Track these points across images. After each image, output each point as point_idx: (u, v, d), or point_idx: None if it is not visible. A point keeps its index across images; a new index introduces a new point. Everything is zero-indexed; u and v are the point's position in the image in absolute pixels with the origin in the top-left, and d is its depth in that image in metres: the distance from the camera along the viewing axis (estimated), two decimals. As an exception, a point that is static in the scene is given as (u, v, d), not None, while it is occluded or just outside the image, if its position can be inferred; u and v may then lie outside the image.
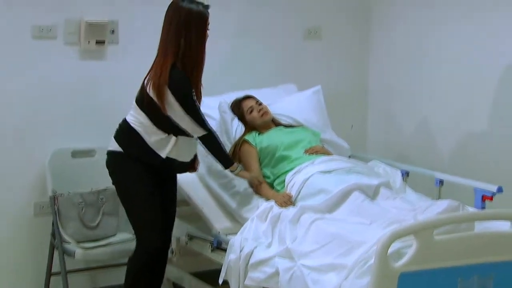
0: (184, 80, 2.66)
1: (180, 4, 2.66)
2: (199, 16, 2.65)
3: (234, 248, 2.75)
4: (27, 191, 3.32)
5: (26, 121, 3.30)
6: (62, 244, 3.11)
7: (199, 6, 2.68)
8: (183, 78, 2.66)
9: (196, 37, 2.64)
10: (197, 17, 2.65)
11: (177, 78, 2.65)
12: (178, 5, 2.66)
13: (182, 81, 2.65)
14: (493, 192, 2.86)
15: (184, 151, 2.79)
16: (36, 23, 3.25)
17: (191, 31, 2.64)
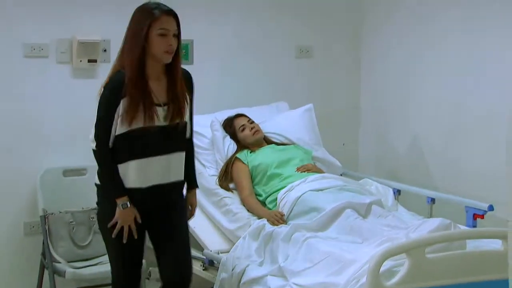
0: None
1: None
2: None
3: (226, 266, 2.74)
4: (17, 210, 3.30)
5: (17, 140, 3.28)
6: (52, 264, 3.09)
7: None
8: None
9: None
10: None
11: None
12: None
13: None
14: (484, 210, 2.87)
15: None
16: (27, 41, 3.25)
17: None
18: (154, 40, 2.33)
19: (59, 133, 3.35)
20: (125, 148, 2.37)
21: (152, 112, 2.34)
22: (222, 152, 3.29)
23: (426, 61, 3.57)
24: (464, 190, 3.19)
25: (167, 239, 2.48)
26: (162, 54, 2.35)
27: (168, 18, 2.36)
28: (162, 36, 2.33)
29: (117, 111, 2.34)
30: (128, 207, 2.37)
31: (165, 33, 2.34)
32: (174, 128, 2.40)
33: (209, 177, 3.24)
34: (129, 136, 2.35)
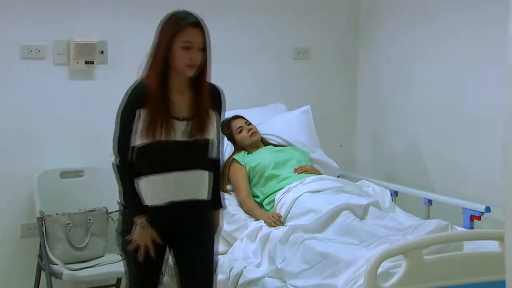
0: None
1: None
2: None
3: (223, 268, 2.73)
4: (14, 212, 3.30)
5: (15, 141, 3.28)
6: (49, 266, 3.08)
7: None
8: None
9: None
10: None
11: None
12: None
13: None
14: (481, 212, 2.87)
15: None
16: (24, 43, 3.25)
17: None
18: (176, 52, 2.21)
19: (57, 134, 3.35)
20: (142, 162, 2.25)
21: (169, 125, 2.22)
22: (219, 153, 3.29)
23: (423, 62, 3.57)
24: (461, 191, 3.20)
25: (188, 260, 2.34)
26: (183, 67, 2.23)
27: (193, 30, 2.23)
28: (185, 49, 2.21)
29: (136, 122, 2.23)
30: (145, 227, 2.25)
31: (189, 46, 2.21)
32: (193, 144, 2.26)
33: (207, 178, 3.24)
34: (146, 150, 2.23)
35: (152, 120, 2.21)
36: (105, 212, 3.28)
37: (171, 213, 2.28)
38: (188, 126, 2.25)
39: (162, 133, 2.21)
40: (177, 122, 2.24)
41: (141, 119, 2.22)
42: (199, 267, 2.33)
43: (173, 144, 2.23)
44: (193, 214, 2.32)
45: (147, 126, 2.21)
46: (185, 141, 2.25)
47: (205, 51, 2.25)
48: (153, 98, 2.21)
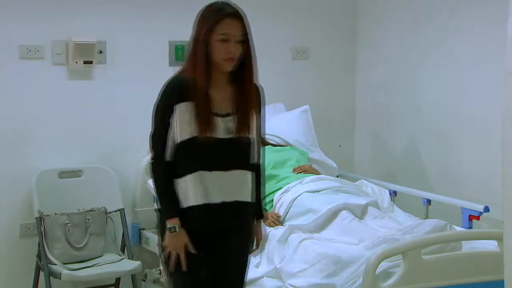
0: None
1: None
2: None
3: (222, 268, 2.73)
4: (12, 212, 3.29)
5: (13, 141, 3.28)
6: (48, 266, 3.08)
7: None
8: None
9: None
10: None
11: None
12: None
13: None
14: (480, 211, 2.87)
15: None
16: (23, 43, 3.25)
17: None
18: (214, 45, 2.08)
19: (55, 134, 3.35)
20: (182, 160, 2.11)
21: (210, 121, 2.08)
22: (218, 153, 3.28)
23: (422, 62, 3.58)
24: (459, 191, 3.20)
25: (221, 269, 2.18)
26: (221, 61, 2.10)
27: (232, 21, 2.10)
28: (222, 42, 2.08)
29: (173, 118, 2.09)
30: (176, 231, 2.09)
31: (226, 38, 2.08)
32: (236, 142, 2.13)
33: (205, 178, 3.24)
34: (186, 147, 2.10)
35: (191, 115, 2.08)
36: (104, 212, 3.27)
37: (211, 215, 2.12)
38: (229, 123, 2.12)
39: (202, 129, 2.07)
40: (217, 118, 2.11)
41: (178, 115, 2.09)
42: (231, 278, 2.20)
43: (214, 141, 2.09)
44: (234, 217, 2.16)
45: (186, 121, 2.08)
46: (228, 138, 2.11)
47: (244, 44, 2.12)
48: (192, 92, 2.08)
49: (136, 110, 3.49)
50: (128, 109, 3.47)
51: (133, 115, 3.48)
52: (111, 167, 3.39)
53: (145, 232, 3.44)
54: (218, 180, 2.12)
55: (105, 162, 3.41)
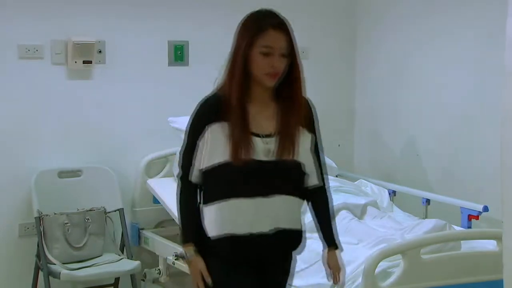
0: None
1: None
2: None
3: (221, 268, 2.73)
4: (12, 212, 3.29)
5: (12, 141, 3.27)
6: (47, 265, 3.08)
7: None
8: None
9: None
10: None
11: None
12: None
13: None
14: (479, 211, 2.88)
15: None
16: (22, 42, 3.24)
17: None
18: (255, 59, 1.91)
19: (54, 134, 3.34)
20: (212, 186, 1.94)
21: (247, 142, 1.89)
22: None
23: (421, 62, 3.58)
24: (459, 191, 3.20)
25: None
26: (263, 76, 1.91)
27: (275, 33, 1.92)
28: (265, 55, 1.90)
29: (204, 139, 1.91)
30: (189, 258, 1.95)
31: (269, 51, 1.91)
32: (280, 166, 1.93)
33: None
34: (217, 172, 1.91)
35: (226, 137, 1.89)
36: (103, 212, 3.27)
37: (249, 245, 1.92)
38: (271, 144, 1.92)
39: (237, 152, 1.88)
40: (256, 139, 1.91)
41: (210, 136, 1.90)
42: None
43: (253, 164, 1.90)
44: (275, 247, 1.96)
45: (220, 144, 1.89)
46: (268, 161, 1.91)
47: (289, 58, 1.95)
48: (230, 110, 1.89)
49: (136, 110, 3.50)
50: (128, 109, 3.47)
51: (133, 114, 3.49)
52: (111, 167, 3.39)
53: (145, 232, 3.44)
54: (255, 208, 1.90)
55: (105, 162, 3.41)
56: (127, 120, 3.47)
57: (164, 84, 3.55)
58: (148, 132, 3.50)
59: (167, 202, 3.29)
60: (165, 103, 3.52)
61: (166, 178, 3.48)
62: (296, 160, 1.95)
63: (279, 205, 1.93)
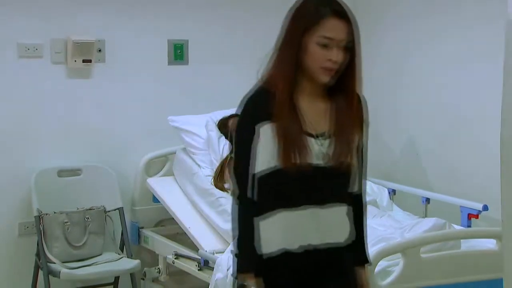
0: None
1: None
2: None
3: (221, 267, 2.73)
4: (11, 211, 3.29)
5: (12, 140, 3.27)
6: (47, 264, 3.08)
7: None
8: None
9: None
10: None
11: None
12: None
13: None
14: (479, 210, 2.87)
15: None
16: (22, 41, 3.24)
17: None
18: (310, 50, 1.68)
19: (54, 133, 3.34)
20: (262, 196, 1.70)
21: (301, 143, 1.66)
22: (217, 152, 3.29)
23: (421, 62, 3.57)
24: (458, 190, 3.20)
25: None
26: (317, 70, 1.68)
27: (336, 22, 1.68)
28: (322, 47, 1.67)
29: (255, 142, 1.68)
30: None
31: (328, 43, 1.67)
32: (335, 171, 1.71)
33: (204, 177, 3.24)
34: (273, 178, 1.68)
35: (279, 137, 1.66)
36: (103, 211, 3.27)
37: (303, 262, 1.72)
38: (325, 145, 1.70)
39: (290, 155, 1.65)
40: (310, 139, 1.69)
41: (263, 137, 1.67)
42: None
43: (309, 169, 1.67)
44: (332, 265, 1.74)
45: (271, 146, 1.66)
46: (323, 166, 1.70)
47: (350, 50, 1.71)
48: (280, 107, 1.67)
49: (135, 109, 3.50)
50: (127, 108, 3.47)
51: (132, 113, 3.49)
52: (110, 166, 3.39)
53: (144, 231, 3.44)
54: (310, 219, 1.69)
55: (104, 160, 3.41)
56: (127, 119, 3.47)
57: (164, 83, 3.55)
58: (148, 131, 3.50)
59: (167, 201, 3.29)
60: (165, 102, 3.52)
61: (165, 177, 3.49)
62: (352, 164, 1.73)
63: (336, 215, 1.72)
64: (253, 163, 1.68)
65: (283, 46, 1.73)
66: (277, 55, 1.74)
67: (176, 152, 3.45)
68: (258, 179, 1.69)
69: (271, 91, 1.71)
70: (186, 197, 3.26)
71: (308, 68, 1.70)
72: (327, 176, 1.71)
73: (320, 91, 1.75)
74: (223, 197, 3.12)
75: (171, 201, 3.28)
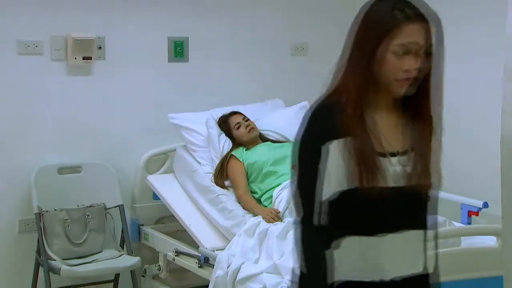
0: None
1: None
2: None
3: (221, 264, 2.74)
4: (11, 208, 3.29)
5: (12, 137, 3.27)
6: (47, 261, 3.08)
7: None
8: None
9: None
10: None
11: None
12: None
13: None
14: (479, 207, 2.88)
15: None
16: (22, 38, 3.24)
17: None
18: (385, 60, 1.49)
19: (54, 130, 3.34)
20: (334, 220, 1.52)
21: (375, 164, 1.49)
22: (217, 149, 3.29)
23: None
24: (458, 187, 3.20)
25: None
26: (392, 81, 1.50)
27: (415, 26, 1.49)
28: (398, 56, 1.49)
29: (322, 162, 1.49)
30: None
31: (405, 51, 1.49)
32: (412, 192, 1.54)
33: (205, 174, 3.24)
34: (340, 202, 1.51)
35: (350, 157, 1.48)
36: (103, 208, 3.27)
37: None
38: (401, 165, 1.52)
39: (367, 177, 1.48)
40: (384, 160, 1.51)
41: (330, 157, 1.49)
42: None
43: (384, 192, 1.49)
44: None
45: (343, 166, 1.49)
46: (401, 187, 1.52)
47: (429, 58, 1.56)
48: (350, 124, 1.48)
49: (136, 106, 3.50)
50: (127, 105, 3.47)
51: (132, 111, 3.49)
52: (111, 163, 3.39)
53: (144, 228, 3.44)
54: (387, 247, 1.51)
55: (105, 158, 3.41)
56: (127, 116, 3.47)
57: (164, 81, 3.55)
58: (148, 128, 3.50)
59: (167, 198, 3.29)
60: (165, 99, 3.52)
61: (166, 174, 3.49)
62: (432, 185, 1.57)
63: (414, 242, 1.54)
64: (320, 186, 1.50)
65: (354, 56, 1.54)
66: (346, 66, 1.55)
67: (176, 150, 3.45)
68: (327, 204, 1.51)
69: (339, 105, 1.52)
70: (187, 195, 3.26)
71: (383, 80, 1.51)
72: (403, 199, 1.52)
73: (391, 103, 1.56)
74: (223, 194, 3.12)
75: (172, 198, 3.28)
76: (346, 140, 1.49)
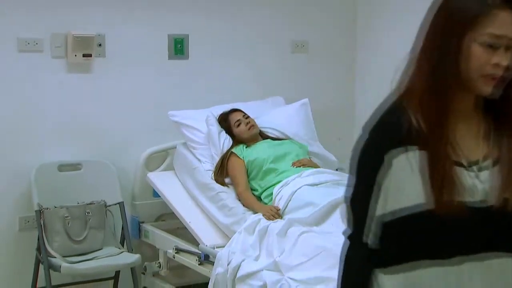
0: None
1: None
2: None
3: (221, 261, 2.74)
4: (12, 205, 3.29)
5: (12, 134, 3.27)
6: (47, 259, 3.08)
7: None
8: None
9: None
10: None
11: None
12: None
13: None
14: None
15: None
16: (22, 36, 3.24)
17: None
18: (471, 53, 1.27)
19: (54, 127, 3.34)
20: (399, 242, 1.30)
21: (451, 177, 1.26)
22: (217, 147, 3.29)
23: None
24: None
25: None
26: (478, 78, 1.28)
27: (507, 14, 1.26)
28: (487, 48, 1.27)
29: (384, 176, 1.29)
30: None
31: (495, 42, 1.26)
32: (497, 210, 1.29)
33: (205, 172, 3.25)
34: (408, 221, 1.28)
35: (420, 169, 1.26)
36: (104, 205, 3.27)
37: None
38: (482, 178, 1.30)
39: (441, 192, 1.25)
40: (461, 170, 1.29)
41: (395, 169, 1.28)
42: None
43: (461, 210, 1.26)
44: None
45: (414, 179, 1.27)
46: (482, 205, 1.29)
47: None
48: (425, 131, 1.27)
49: (136, 103, 3.50)
50: (127, 103, 3.47)
51: (133, 108, 3.49)
52: (111, 160, 3.39)
53: (145, 225, 3.44)
54: (463, 277, 1.28)
55: (105, 155, 3.41)
56: (127, 114, 3.47)
57: (164, 78, 3.55)
58: (148, 126, 3.50)
59: (167, 195, 3.29)
60: (165, 96, 3.52)
61: (166, 171, 3.49)
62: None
63: (501, 271, 1.30)
64: (376, 201, 1.29)
65: (428, 50, 1.33)
66: (420, 63, 1.35)
67: (176, 147, 3.45)
68: (388, 223, 1.29)
69: (411, 110, 1.30)
70: (187, 192, 3.27)
71: (467, 77, 1.28)
72: (486, 218, 1.29)
73: (472, 105, 1.33)
74: (224, 191, 3.12)
75: (172, 195, 3.29)
76: (421, 150, 1.27)
